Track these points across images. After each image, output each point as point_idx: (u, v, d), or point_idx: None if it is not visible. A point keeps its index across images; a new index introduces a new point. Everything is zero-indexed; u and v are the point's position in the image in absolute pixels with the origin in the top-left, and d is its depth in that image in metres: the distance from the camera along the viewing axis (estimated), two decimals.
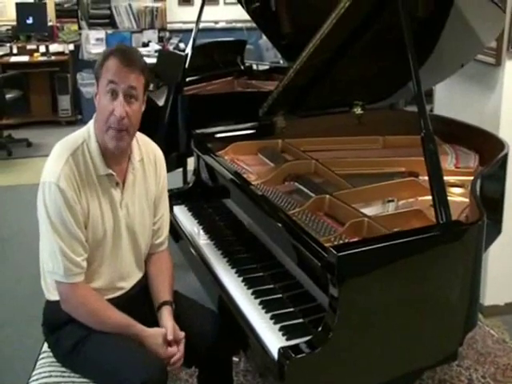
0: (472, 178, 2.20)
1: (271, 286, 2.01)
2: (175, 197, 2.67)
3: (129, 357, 1.83)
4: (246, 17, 3.23)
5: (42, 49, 6.96)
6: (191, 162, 2.90)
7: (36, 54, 6.93)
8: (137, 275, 2.08)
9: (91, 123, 1.95)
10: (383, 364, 1.73)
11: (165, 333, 1.90)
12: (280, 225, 1.95)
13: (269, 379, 1.75)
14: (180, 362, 1.93)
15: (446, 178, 1.95)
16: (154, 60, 5.23)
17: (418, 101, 1.95)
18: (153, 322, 1.96)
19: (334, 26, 2.29)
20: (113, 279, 1.99)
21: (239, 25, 7.56)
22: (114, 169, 1.93)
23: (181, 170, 4.03)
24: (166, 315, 1.96)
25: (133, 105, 1.87)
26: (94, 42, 7.23)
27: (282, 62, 5.40)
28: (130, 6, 7.50)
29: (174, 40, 7.60)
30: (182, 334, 1.93)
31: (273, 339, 1.74)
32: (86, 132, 1.94)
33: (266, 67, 4.89)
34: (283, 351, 1.60)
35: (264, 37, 5.99)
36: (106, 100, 1.85)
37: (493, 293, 3.22)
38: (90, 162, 1.90)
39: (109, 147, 1.89)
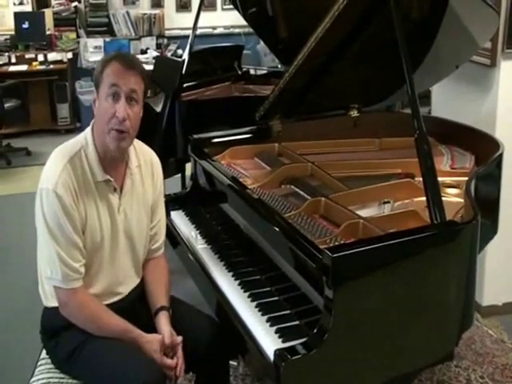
0: (467, 178, 2.21)
1: (268, 289, 2.01)
2: (172, 202, 2.68)
3: (127, 361, 1.84)
4: (244, 22, 3.23)
5: (41, 58, 6.98)
6: (190, 168, 2.91)
7: (34, 63, 6.95)
8: (134, 280, 2.08)
9: (88, 130, 1.95)
10: (379, 365, 1.72)
11: (162, 339, 1.90)
12: (276, 228, 1.95)
13: (267, 382, 1.75)
14: (182, 370, 1.92)
15: (441, 178, 1.96)
16: (152, 67, 5.24)
17: (411, 102, 1.96)
18: (151, 327, 1.96)
19: (328, 28, 2.29)
20: (111, 284, 1.99)
21: (237, 30, 7.59)
22: (111, 174, 1.94)
23: (179, 175, 4.04)
24: (163, 321, 1.96)
25: (134, 107, 1.88)
26: (93, 50, 7.24)
27: (279, 66, 5.40)
28: (127, 13, 7.53)
29: (173, 46, 7.62)
30: (180, 339, 1.93)
31: (269, 342, 1.74)
32: (83, 138, 1.94)
33: (264, 72, 4.90)
34: (279, 353, 1.61)
35: (262, 42, 5.99)
36: (107, 103, 1.85)
37: (491, 293, 3.23)
38: (88, 168, 1.90)
39: (110, 148, 1.89)
